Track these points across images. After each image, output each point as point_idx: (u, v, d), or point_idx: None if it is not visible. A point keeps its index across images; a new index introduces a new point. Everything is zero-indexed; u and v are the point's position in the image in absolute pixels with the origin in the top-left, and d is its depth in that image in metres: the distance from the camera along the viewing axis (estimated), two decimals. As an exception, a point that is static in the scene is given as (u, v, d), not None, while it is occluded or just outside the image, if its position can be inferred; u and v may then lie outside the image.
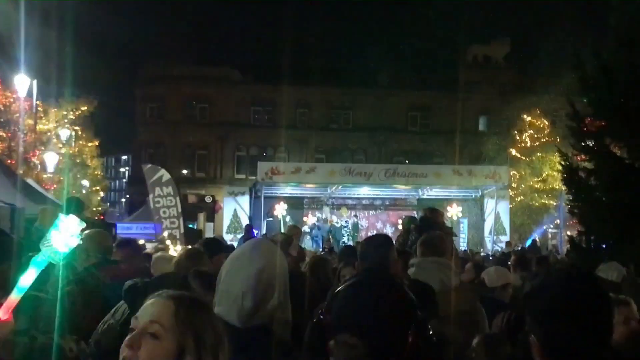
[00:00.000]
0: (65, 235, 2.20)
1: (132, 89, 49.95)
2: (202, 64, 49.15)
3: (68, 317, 3.28)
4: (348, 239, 30.67)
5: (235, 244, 13.74)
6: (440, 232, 6.21)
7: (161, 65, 48.29)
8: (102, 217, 35.99)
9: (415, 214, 33.10)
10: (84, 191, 38.22)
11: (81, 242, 2.30)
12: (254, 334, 2.69)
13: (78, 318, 3.58)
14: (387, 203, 36.32)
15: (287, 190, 32.19)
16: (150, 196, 24.42)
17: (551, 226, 38.01)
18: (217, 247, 6.38)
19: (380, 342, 2.06)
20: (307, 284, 5.63)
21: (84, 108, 36.19)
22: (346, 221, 34.39)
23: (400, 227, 17.66)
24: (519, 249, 24.05)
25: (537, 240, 32.29)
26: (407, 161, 44.41)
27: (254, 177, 34.90)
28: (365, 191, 33.79)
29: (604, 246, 12.54)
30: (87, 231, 5.81)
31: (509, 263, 8.94)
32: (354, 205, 36.18)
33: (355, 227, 34.40)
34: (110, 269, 5.57)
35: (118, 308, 4.32)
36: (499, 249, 27.17)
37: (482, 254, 22.89)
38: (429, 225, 8.33)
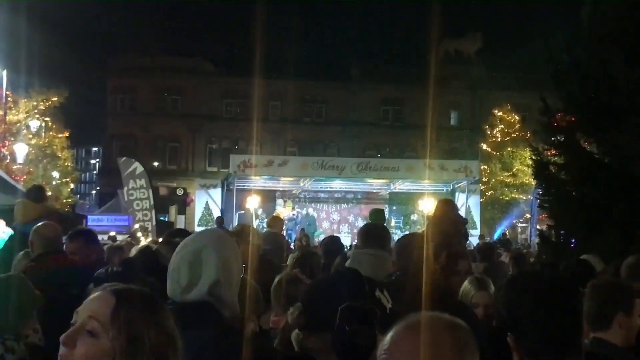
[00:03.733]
0: None
1: (103, 80, 49.48)
2: (174, 55, 48.79)
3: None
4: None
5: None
6: (381, 224, 6.23)
7: (132, 56, 47.88)
8: (71, 209, 35.57)
9: (386, 207, 33.39)
10: (54, 183, 37.87)
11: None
12: (192, 309, 2.71)
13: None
14: (359, 196, 36.42)
15: (259, 183, 32.13)
16: (125, 189, 24.31)
17: (521, 220, 38.41)
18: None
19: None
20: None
21: (54, 99, 35.77)
22: (294, 215, 34.33)
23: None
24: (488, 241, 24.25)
25: (507, 233, 32.62)
26: (379, 155, 44.55)
27: (226, 170, 34.79)
28: (337, 184, 33.83)
29: (573, 240, 12.68)
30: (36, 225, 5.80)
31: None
32: (326, 199, 36.25)
33: (313, 220, 34.47)
34: (53, 258, 5.49)
35: None
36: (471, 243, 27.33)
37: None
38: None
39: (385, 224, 9.53)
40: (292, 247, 16.79)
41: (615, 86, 11.62)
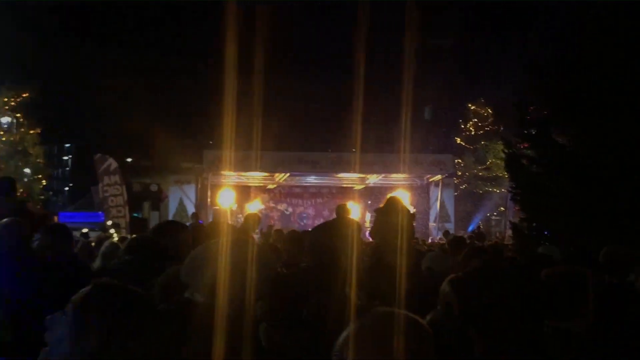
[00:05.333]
0: None
1: (77, 75, 49.06)
2: (148, 51, 48.53)
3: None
4: None
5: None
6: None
7: (106, 52, 47.56)
8: (42, 206, 35.26)
9: (361, 201, 33.47)
10: (25, 179, 37.45)
11: None
12: None
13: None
14: (334, 191, 36.42)
15: (234, 178, 32.01)
16: (100, 185, 24.18)
17: (495, 213, 38.63)
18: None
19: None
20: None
21: (26, 94, 35.36)
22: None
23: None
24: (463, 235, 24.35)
25: (481, 226, 32.78)
26: (354, 150, 44.58)
27: (200, 166, 34.62)
28: (312, 179, 33.82)
29: (545, 232, 12.79)
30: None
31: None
32: (301, 194, 36.23)
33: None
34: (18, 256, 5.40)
35: None
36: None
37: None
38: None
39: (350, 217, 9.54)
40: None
41: (588, 80, 11.73)
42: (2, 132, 32.93)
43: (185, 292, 3.18)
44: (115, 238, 13.80)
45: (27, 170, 37.99)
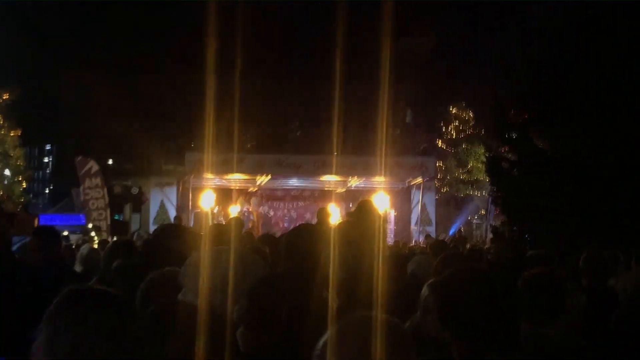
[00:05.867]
0: None
1: (57, 76, 48.76)
2: (129, 52, 48.25)
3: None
4: None
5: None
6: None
7: (86, 53, 47.30)
8: (23, 208, 35.01)
9: (343, 205, 33.49)
10: (6, 182, 37.21)
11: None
12: None
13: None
14: (316, 194, 36.41)
15: (215, 181, 31.94)
16: (81, 188, 24.07)
17: (476, 217, 38.81)
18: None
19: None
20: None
21: (6, 96, 35.13)
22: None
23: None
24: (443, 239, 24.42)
25: (462, 229, 32.89)
26: (334, 153, 44.62)
27: (182, 167, 34.50)
28: (294, 182, 33.82)
29: (526, 235, 12.86)
30: None
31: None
32: (282, 196, 36.19)
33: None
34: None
35: None
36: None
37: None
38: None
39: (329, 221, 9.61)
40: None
41: (567, 83, 11.82)
42: (-19, 134, 32.71)
43: (179, 294, 3.22)
44: (96, 241, 13.76)
45: (7, 172, 37.75)
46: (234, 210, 31.89)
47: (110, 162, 44.68)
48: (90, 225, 21.96)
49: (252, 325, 2.56)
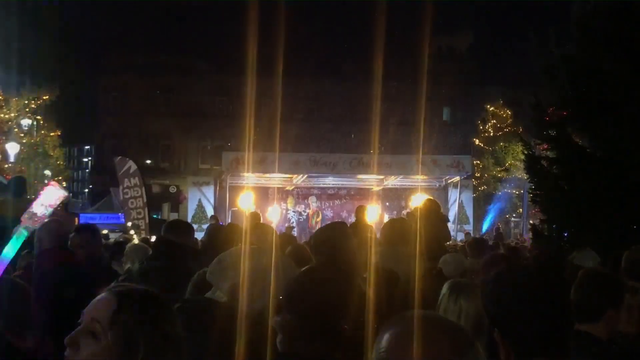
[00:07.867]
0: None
1: (96, 78, 49.37)
2: (166, 53, 48.67)
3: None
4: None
5: (201, 234, 13.81)
6: (404, 220, 6.22)
7: (124, 55, 47.77)
8: (63, 207, 35.41)
9: (379, 203, 33.43)
10: (46, 181, 37.70)
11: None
12: None
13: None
14: (352, 193, 36.36)
15: (252, 180, 32.08)
16: (120, 187, 24.30)
17: (514, 215, 38.48)
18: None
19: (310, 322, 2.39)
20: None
21: (46, 97, 35.63)
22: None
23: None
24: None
25: (500, 226, 32.60)
26: (371, 151, 44.55)
27: (218, 167, 34.71)
28: (330, 181, 33.84)
29: (565, 234, 12.72)
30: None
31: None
32: (319, 195, 36.21)
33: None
34: (59, 255, 5.41)
35: None
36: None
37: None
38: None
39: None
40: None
41: (606, 81, 11.66)
42: (22, 135, 33.14)
43: (209, 292, 3.25)
44: (136, 240, 13.90)
45: (47, 172, 38.29)
46: (272, 209, 32.06)
47: (148, 161, 45.13)
48: (129, 224, 22.18)
49: (294, 336, 2.49)
